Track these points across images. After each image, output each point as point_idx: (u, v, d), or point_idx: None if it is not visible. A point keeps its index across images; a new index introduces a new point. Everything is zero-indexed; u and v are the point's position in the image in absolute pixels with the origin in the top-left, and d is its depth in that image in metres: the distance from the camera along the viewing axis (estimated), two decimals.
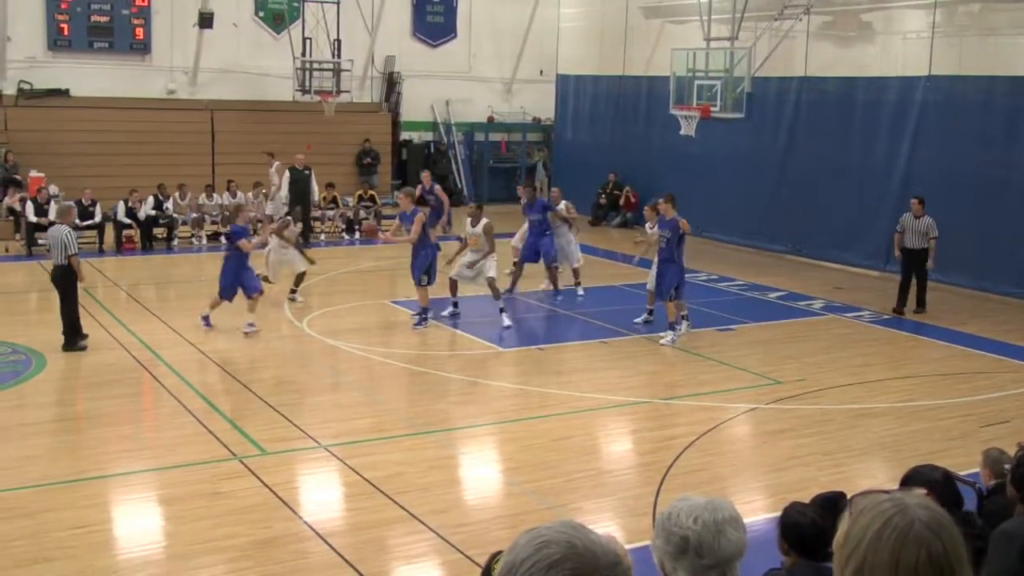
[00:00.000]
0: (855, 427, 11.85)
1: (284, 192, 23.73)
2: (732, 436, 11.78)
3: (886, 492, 2.10)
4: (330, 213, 25.05)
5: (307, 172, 23.84)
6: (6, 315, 16.48)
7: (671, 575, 2.83)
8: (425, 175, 22.57)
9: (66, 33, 25.93)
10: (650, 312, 16.44)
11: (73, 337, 14.35)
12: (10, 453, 10.44)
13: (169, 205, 23.39)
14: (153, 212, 23.03)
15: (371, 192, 26.47)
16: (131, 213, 22.85)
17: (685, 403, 12.65)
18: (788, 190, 23.18)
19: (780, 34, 22.38)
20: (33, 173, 23.73)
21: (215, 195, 24.30)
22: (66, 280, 14.31)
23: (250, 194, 24.19)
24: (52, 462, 10.18)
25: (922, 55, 20.48)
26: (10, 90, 25.60)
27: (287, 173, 23.74)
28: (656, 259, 15.62)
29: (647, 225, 16.61)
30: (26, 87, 25.63)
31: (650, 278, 16.03)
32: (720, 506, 2.84)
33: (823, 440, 11.39)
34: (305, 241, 23.68)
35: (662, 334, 15.44)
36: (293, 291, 17.59)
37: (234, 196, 24.12)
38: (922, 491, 2.15)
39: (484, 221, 16.21)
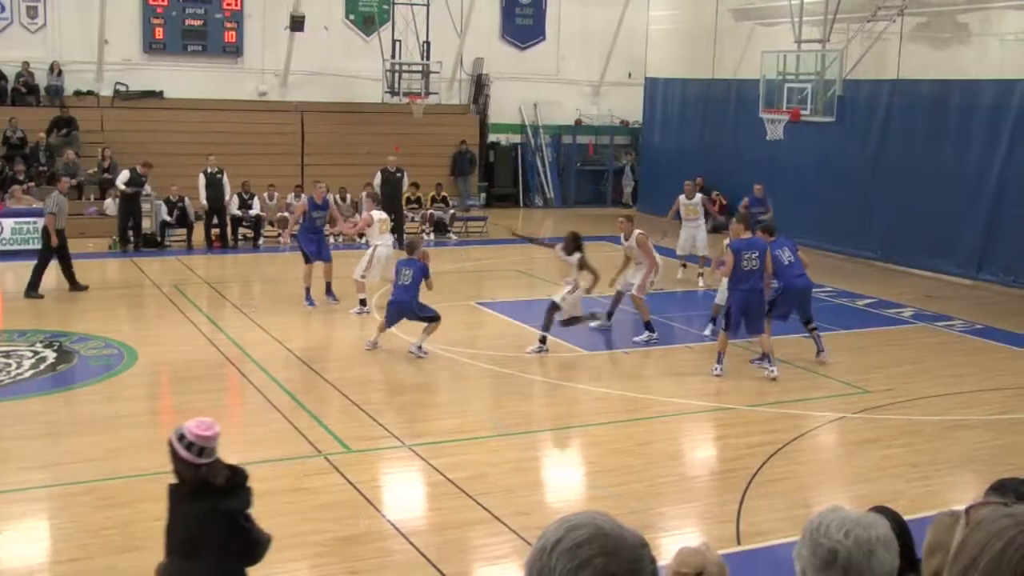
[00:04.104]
0: (945, 439, 11.59)
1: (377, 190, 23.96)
2: (818, 445, 11.62)
3: (1004, 504, 2.02)
4: (414, 214, 25.16)
5: (399, 174, 24.03)
6: (102, 311, 16.85)
7: None
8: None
9: (161, 37, 26.48)
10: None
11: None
12: (102, 444, 10.69)
13: (256, 205, 23.69)
14: (238, 212, 23.38)
15: (444, 193, 26.46)
16: None
17: (771, 410, 12.48)
18: (878, 195, 22.75)
19: (873, 36, 22.01)
20: None
21: (303, 196, 24.45)
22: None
23: (289, 197, 24.30)
24: (141, 454, 10.34)
25: (1020, 58, 19.97)
26: (107, 91, 26.22)
27: (378, 174, 23.91)
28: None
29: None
30: (122, 89, 26.23)
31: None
32: (873, 523, 2.69)
33: (911, 452, 11.15)
34: (400, 243, 23.79)
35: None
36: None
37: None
38: None
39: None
